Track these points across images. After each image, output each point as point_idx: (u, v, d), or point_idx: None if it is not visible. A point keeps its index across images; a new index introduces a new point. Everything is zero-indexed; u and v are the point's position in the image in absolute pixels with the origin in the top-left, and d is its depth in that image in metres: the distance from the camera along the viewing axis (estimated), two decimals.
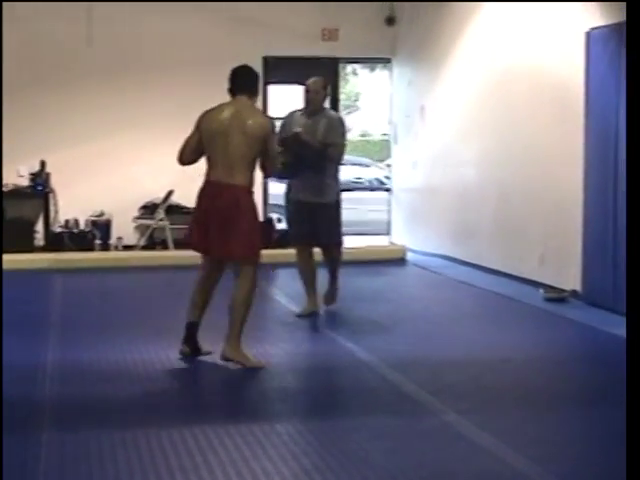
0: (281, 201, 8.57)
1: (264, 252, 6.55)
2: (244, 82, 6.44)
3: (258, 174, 6.47)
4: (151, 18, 12.46)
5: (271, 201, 12.96)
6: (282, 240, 10.97)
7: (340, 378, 5.91)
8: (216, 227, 6.25)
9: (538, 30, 9.47)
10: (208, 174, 6.40)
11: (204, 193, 6.40)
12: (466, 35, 11.16)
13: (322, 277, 8.16)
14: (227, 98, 6.45)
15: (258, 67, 12.31)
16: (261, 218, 8.17)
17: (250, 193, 6.33)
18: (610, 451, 4.60)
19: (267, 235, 10.41)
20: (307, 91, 7.99)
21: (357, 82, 30.85)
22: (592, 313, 8.10)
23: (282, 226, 11.15)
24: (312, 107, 7.95)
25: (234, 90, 6.42)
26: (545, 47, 9.33)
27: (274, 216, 12.51)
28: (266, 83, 12.65)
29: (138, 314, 8.31)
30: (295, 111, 8.11)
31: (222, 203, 6.24)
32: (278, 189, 10.39)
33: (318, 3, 12.88)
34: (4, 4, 11.21)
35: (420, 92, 12.58)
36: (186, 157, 6.52)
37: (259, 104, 7.64)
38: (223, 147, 6.25)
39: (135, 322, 7.87)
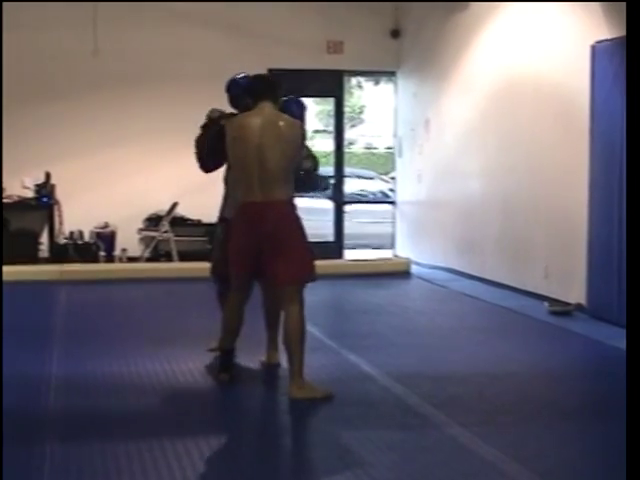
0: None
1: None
2: (267, 87, 5.91)
3: None
4: (156, 31, 12.49)
5: None
6: None
7: (344, 390, 5.88)
8: (268, 252, 5.70)
9: (543, 43, 9.48)
10: (241, 195, 5.84)
11: (243, 218, 5.82)
12: (470, 48, 11.17)
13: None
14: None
15: None
16: None
17: (293, 207, 5.82)
18: (615, 465, 4.58)
19: None
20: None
21: (362, 95, 30.90)
22: (597, 326, 8.08)
23: None
24: None
25: (257, 96, 5.85)
26: (550, 60, 9.33)
27: None
28: None
29: (142, 326, 8.31)
30: (215, 112, 6.73)
31: (268, 226, 5.67)
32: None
33: (323, 16, 12.93)
34: (7, 6, 11.25)
35: (425, 105, 12.59)
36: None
37: None
38: (259, 162, 5.65)
39: (139, 334, 7.86)
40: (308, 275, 5.84)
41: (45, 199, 12.01)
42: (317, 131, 26.14)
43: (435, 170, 12.29)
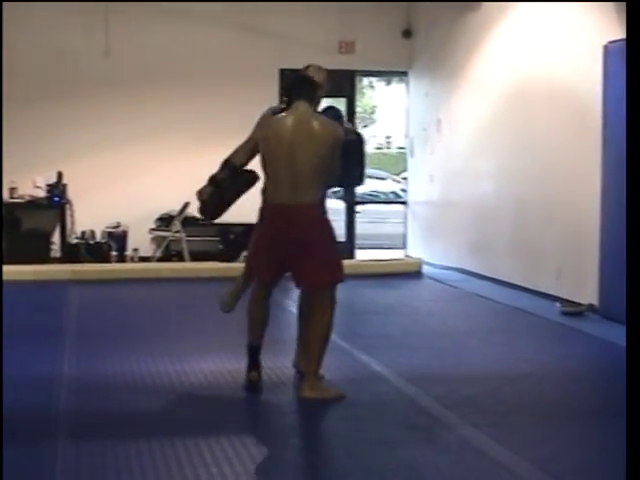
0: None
1: None
2: (303, 87, 5.78)
3: None
4: (168, 30, 12.51)
5: None
6: None
7: (355, 391, 5.87)
8: (295, 256, 5.60)
9: (555, 43, 9.45)
10: (269, 195, 5.68)
11: (270, 220, 5.68)
12: (483, 48, 11.15)
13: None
14: (247, 109, 6.38)
15: (275, 79, 12.42)
16: None
17: (323, 210, 5.71)
18: None
19: None
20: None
21: (373, 95, 30.89)
22: (609, 327, 8.05)
23: None
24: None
25: (292, 96, 5.75)
26: (562, 60, 9.30)
27: None
28: (283, 96, 12.68)
29: (154, 326, 8.31)
30: (276, 109, 6.19)
31: (297, 229, 5.56)
32: None
33: (335, 16, 12.92)
34: (20, 6, 11.29)
35: (436, 105, 12.57)
36: (238, 158, 5.84)
37: None
38: (289, 162, 5.52)
39: (151, 334, 7.87)
40: (336, 278, 5.72)
41: (57, 199, 12.02)
42: None
43: (447, 170, 12.27)
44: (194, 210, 12.33)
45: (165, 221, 12.49)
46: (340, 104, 14.35)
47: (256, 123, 5.98)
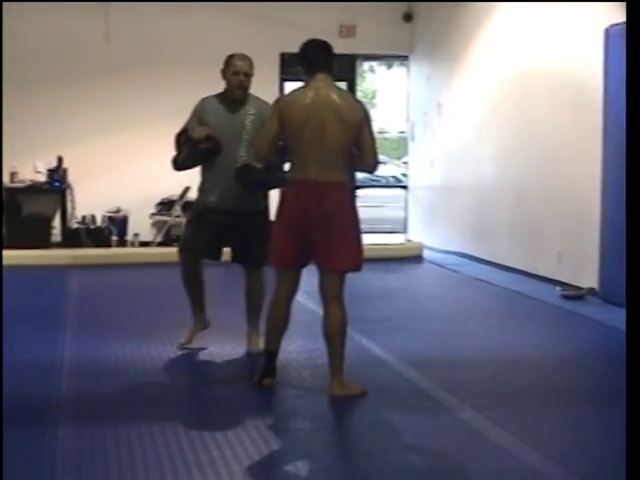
0: None
1: None
2: (326, 57, 5.46)
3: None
4: (168, 15, 12.48)
5: None
6: None
7: (356, 375, 5.87)
8: (320, 236, 5.27)
9: (556, 27, 9.43)
10: (296, 172, 5.34)
11: (295, 196, 5.32)
12: (484, 32, 11.13)
13: None
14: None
15: (276, 64, 12.42)
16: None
17: (352, 191, 5.46)
18: None
19: None
20: (236, 73, 6.20)
21: (374, 79, 30.85)
22: (609, 311, 8.07)
23: None
24: (239, 95, 6.24)
25: (314, 67, 5.39)
26: (563, 44, 9.29)
27: None
28: (283, 80, 12.66)
29: (154, 310, 8.32)
30: (208, 98, 6.43)
31: (326, 207, 5.22)
32: None
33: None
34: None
35: (437, 89, 12.56)
36: (269, 150, 5.36)
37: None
38: (318, 138, 5.20)
39: (151, 318, 7.88)
40: (358, 265, 5.48)
41: (57, 183, 12.02)
42: None
43: (448, 154, 12.26)
44: (194, 195, 12.39)
45: (166, 206, 12.48)
46: None
47: (193, 111, 6.44)
